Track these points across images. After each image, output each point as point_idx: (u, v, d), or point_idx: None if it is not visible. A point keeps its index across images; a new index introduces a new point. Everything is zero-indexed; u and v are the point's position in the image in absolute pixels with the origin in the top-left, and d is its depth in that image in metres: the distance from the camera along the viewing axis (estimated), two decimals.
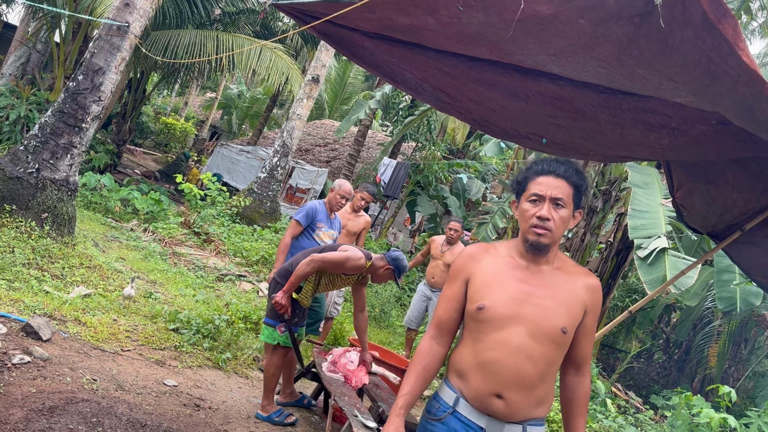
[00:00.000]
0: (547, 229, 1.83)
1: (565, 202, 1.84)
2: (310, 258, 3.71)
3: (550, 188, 1.84)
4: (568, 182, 1.85)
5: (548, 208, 1.82)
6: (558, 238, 1.86)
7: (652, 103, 2.49)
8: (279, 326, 3.81)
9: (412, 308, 6.65)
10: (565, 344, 1.86)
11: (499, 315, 1.83)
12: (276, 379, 3.92)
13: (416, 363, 1.96)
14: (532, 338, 1.81)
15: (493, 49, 2.42)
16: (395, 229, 15.39)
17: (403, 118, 13.51)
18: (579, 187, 1.86)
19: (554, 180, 1.85)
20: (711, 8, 1.62)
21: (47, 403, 3.01)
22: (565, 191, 1.84)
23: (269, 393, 3.91)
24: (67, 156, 6.01)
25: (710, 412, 5.74)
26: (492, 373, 1.82)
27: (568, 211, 1.85)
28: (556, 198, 1.83)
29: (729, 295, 7.49)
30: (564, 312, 1.83)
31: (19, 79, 12.58)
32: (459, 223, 6.46)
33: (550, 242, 1.84)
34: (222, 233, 9.08)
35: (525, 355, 1.80)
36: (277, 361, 3.85)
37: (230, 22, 14.51)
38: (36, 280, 4.85)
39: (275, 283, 3.89)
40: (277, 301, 3.69)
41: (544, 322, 1.81)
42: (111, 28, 6.15)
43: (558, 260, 1.92)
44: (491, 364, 1.82)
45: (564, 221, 1.85)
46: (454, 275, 1.97)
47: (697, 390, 8.58)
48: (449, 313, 1.97)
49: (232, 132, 28.71)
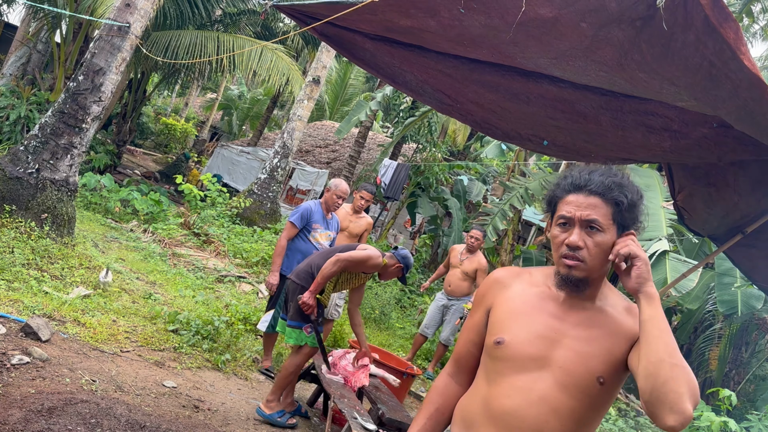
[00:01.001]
0: (579, 259, 1.47)
1: (601, 224, 1.46)
2: (335, 258, 3.79)
3: (581, 208, 1.48)
4: (604, 199, 1.48)
5: (579, 234, 1.47)
6: (597, 270, 1.49)
7: (653, 106, 2.49)
8: (305, 327, 3.85)
9: (428, 315, 6.70)
10: (602, 399, 1.47)
11: (521, 354, 1.49)
12: (290, 380, 3.91)
13: (428, 402, 1.68)
14: (561, 388, 1.45)
15: (495, 51, 2.42)
16: (396, 231, 15.38)
17: (404, 120, 13.50)
18: (620, 205, 1.47)
19: (585, 198, 1.49)
20: (713, 12, 1.61)
21: (46, 403, 3.01)
22: (602, 211, 1.47)
23: (278, 390, 3.90)
24: (67, 156, 6.01)
25: (711, 416, 5.73)
26: (506, 427, 1.47)
27: (609, 236, 1.46)
28: (589, 220, 1.47)
29: (730, 298, 7.47)
30: (603, 358, 1.46)
31: (19, 80, 12.59)
32: (480, 231, 6.48)
33: (586, 275, 1.48)
34: (222, 234, 9.07)
35: (550, 407, 1.45)
36: (301, 362, 3.88)
37: (231, 23, 14.53)
38: (35, 281, 4.85)
39: (295, 286, 3.92)
40: (305, 302, 3.75)
41: (577, 369, 1.45)
42: (112, 29, 6.15)
43: (603, 295, 1.55)
44: (506, 415, 1.47)
45: (603, 249, 1.46)
46: (477, 302, 1.67)
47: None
48: (467, 347, 1.66)
49: (233, 133, 28.72)
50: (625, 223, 1.49)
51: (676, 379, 1.27)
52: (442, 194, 12.74)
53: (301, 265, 4.04)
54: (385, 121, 21.65)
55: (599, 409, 1.49)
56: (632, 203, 1.49)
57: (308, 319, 3.84)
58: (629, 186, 1.51)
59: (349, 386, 3.95)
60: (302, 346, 3.87)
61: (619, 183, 1.50)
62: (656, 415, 1.27)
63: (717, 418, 5.67)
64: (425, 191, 12.77)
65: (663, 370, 1.28)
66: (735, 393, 6.45)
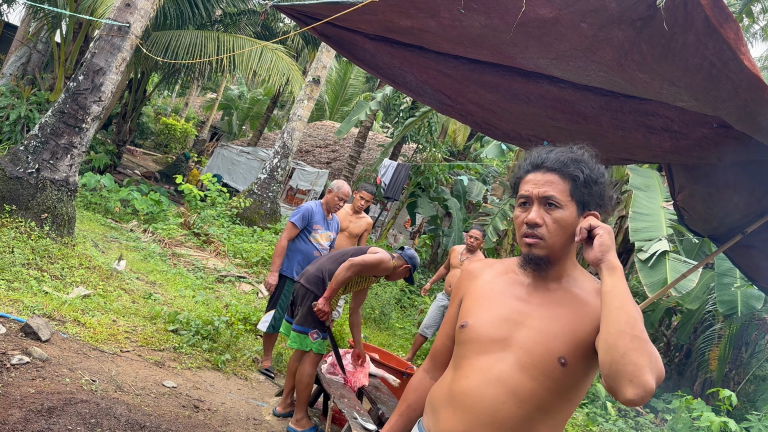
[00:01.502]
0: (538, 237, 1.44)
1: (559, 200, 1.44)
2: (349, 263, 3.76)
3: (538, 186, 1.46)
4: (561, 175, 1.46)
5: (537, 211, 1.45)
6: (559, 248, 1.46)
7: (653, 106, 2.49)
8: (311, 333, 3.80)
9: (429, 316, 6.71)
10: (567, 384, 1.40)
11: (483, 336, 1.47)
12: (310, 390, 3.86)
13: (402, 399, 1.68)
14: (520, 368, 1.40)
15: (495, 52, 2.42)
16: (396, 231, 15.38)
17: (404, 120, 13.50)
18: (576, 179, 1.45)
19: (543, 176, 1.47)
20: (713, 12, 1.61)
21: (46, 403, 3.01)
22: (559, 187, 1.45)
23: (303, 406, 3.84)
24: (67, 156, 6.01)
25: (711, 416, 5.73)
26: (463, 408, 1.43)
27: (567, 212, 1.44)
28: (546, 197, 1.45)
29: (730, 298, 7.48)
30: (566, 338, 1.40)
31: (19, 79, 12.58)
32: (480, 231, 6.50)
33: (547, 253, 1.45)
34: (222, 234, 9.07)
35: (508, 388, 1.40)
36: (311, 370, 3.81)
37: (231, 23, 14.53)
38: (35, 281, 4.85)
39: (305, 291, 3.88)
40: (320, 309, 3.73)
41: (537, 349, 1.40)
42: (112, 29, 6.15)
43: (571, 277, 1.50)
44: (464, 395, 1.43)
45: (561, 225, 1.44)
46: (452, 296, 1.67)
47: (698, 393, 8.56)
48: (443, 340, 1.66)
49: (233, 133, 28.73)
50: (584, 200, 1.46)
51: (636, 350, 1.21)
52: (442, 194, 12.74)
53: (311, 269, 3.98)
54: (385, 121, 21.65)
55: (565, 395, 1.41)
56: (590, 179, 1.46)
57: (316, 325, 3.81)
58: (588, 162, 1.49)
59: (349, 386, 3.95)
60: (307, 353, 3.83)
61: (576, 159, 1.48)
62: (615, 389, 1.22)
63: (717, 418, 5.67)
64: (425, 191, 12.78)
65: (623, 341, 1.23)
66: (735, 393, 6.45)
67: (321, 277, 3.88)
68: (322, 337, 3.84)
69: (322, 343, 3.84)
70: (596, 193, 1.47)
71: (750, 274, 4.01)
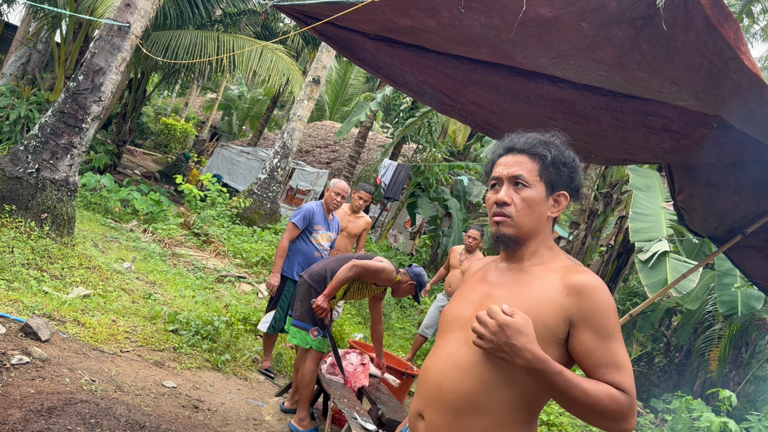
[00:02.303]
0: (506, 215, 1.46)
1: (527, 179, 1.47)
2: (352, 263, 3.77)
3: (508, 167, 1.50)
4: (529, 155, 1.49)
5: (505, 191, 1.47)
6: (528, 227, 1.47)
7: (653, 106, 2.48)
8: (312, 330, 3.81)
9: (428, 317, 6.69)
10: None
11: (448, 318, 1.53)
12: (312, 388, 3.85)
13: None
14: (466, 343, 1.40)
15: (495, 51, 2.42)
16: (396, 231, 15.38)
17: (404, 120, 13.50)
18: (544, 159, 1.48)
19: (513, 157, 1.51)
20: (713, 12, 1.61)
21: (46, 403, 3.01)
22: (528, 167, 1.48)
23: (306, 404, 3.83)
24: (67, 156, 6.01)
25: (711, 416, 5.73)
26: (420, 386, 1.49)
27: (535, 192, 1.46)
28: (515, 176, 1.47)
29: (730, 298, 7.48)
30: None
31: (19, 79, 12.58)
32: (478, 231, 6.50)
33: (514, 232, 1.46)
34: (222, 234, 9.07)
35: (453, 362, 1.41)
36: (312, 367, 3.81)
37: (231, 23, 14.54)
38: (35, 281, 4.85)
39: (307, 286, 3.91)
40: (319, 305, 3.74)
41: None
42: (112, 29, 6.15)
43: (542, 258, 1.49)
44: (422, 374, 1.50)
45: (529, 204, 1.46)
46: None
47: (698, 394, 8.56)
48: None
49: (233, 133, 28.73)
50: (552, 180, 1.49)
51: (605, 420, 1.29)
52: (442, 194, 12.74)
53: (316, 267, 4.01)
54: (385, 121, 21.66)
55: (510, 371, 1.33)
56: (558, 160, 1.49)
57: (316, 322, 3.82)
58: (557, 145, 1.52)
59: (349, 386, 3.95)
60: (308, 350, 3.83)
61: (545, 141, 1.51)
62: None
63: (717, 418, 5.66)
64: (425, 191, 12.78)
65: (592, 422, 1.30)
66: (735, 393, 6.45)
67: (324, 275, 3.90)
68: (322, 335, 3.84)
69: (322, 341, 3.84)
70: (565, 175, 1.50)
71: (750, 274, 4.01)
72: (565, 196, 1.50)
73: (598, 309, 1.35)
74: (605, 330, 1.34)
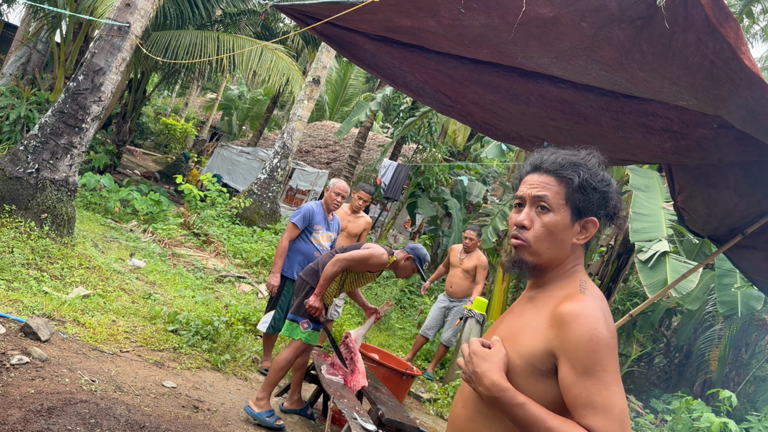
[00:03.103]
0: (522, 239, 1.36)
1: (550, 203, 1.35)
2: (335, 259, 3.78)
3: (532, 186, 1.39)
4: (557, 177, 1.37)
5: (526, 213, 1.37)
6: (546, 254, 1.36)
7: (653, 107, 2.48)
8: (302, 322, 3.85)
9: (430, 317, 6.69)
10: None
11: None
12: (281, 375, 3.86)
13: None
14: None
15: (495, 51, 2.42)
16: (396, 231, 15.38)
17: (404, 120, 13.49)
18: (570, 182, 1.35)
19: (539, 177, 1.39)
20: (713, 12, 1.61)
21: (45, 403, 3.00)
22: (553, 189, 1.36)
23: (269, 387, 3.85)
24: (66, 156, 6.01)
25: (711, 416, 5.73)
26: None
27: (559, 217, 1.35)
28: (538, 197, 1.36)
29: (730, 299, 7.47)
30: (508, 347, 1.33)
31: (19, 79, 12.58)
32: (474, 231, 6.53)
33: (532, 259, 1.36)
34: (221, 234, 9.07)
35: (461, 391, 1.44)
36: (291, 357, 3.84)
37: (231, 23, 14.54)
38: (35, 281, 4.84)
39: (301, 282, 3.97)
40: (311, 305, 3.77)
41: None
42: (112, 29, 6.15)
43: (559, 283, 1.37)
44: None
45: (550, 230, 1.34)
46: None
47: (698, 394, 8.56)
48: None
49: (233, 133, 28.73)
50: (579, 206, 1.36)
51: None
52: (442, 195, 12.74)
53: (311, 264, 4.09)
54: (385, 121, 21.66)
55: None
56: (587, 184, 1.35)
57: (307, 316, 3.86)
58: (589, 167, 1.38)
59: (348, 387, 3.94)
60: (296, 342, 3.86)
61: (575, 162, 1.38)
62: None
63: (717, 419, 5.66)
64: (425, 192, 12.77)
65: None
66: (735, 394, 6.45)
67: (315, 269, 3.95)
68: (314, 328, 3.86)
69: (312, 333, 3.86)
70: (595, 201, 1.36)
71: (750, 274, 4.01)
72: (594, 223, 1.36)
73: (575, 342, 1.21)
74: (581, 365, 1.20)
